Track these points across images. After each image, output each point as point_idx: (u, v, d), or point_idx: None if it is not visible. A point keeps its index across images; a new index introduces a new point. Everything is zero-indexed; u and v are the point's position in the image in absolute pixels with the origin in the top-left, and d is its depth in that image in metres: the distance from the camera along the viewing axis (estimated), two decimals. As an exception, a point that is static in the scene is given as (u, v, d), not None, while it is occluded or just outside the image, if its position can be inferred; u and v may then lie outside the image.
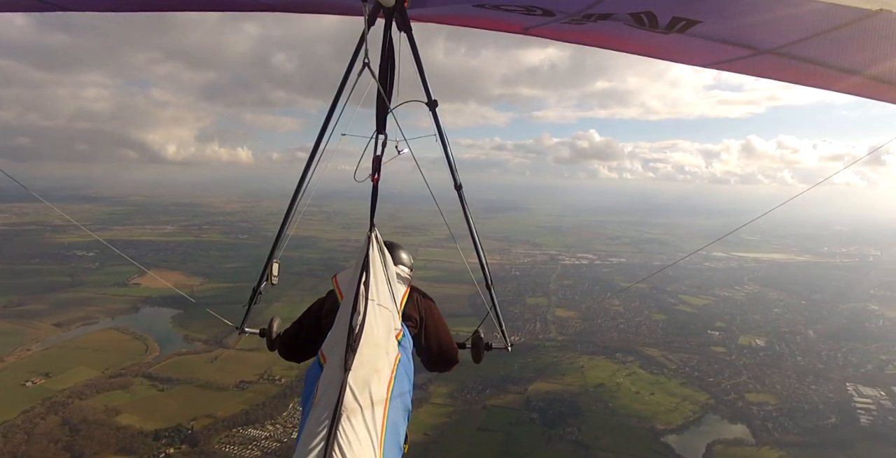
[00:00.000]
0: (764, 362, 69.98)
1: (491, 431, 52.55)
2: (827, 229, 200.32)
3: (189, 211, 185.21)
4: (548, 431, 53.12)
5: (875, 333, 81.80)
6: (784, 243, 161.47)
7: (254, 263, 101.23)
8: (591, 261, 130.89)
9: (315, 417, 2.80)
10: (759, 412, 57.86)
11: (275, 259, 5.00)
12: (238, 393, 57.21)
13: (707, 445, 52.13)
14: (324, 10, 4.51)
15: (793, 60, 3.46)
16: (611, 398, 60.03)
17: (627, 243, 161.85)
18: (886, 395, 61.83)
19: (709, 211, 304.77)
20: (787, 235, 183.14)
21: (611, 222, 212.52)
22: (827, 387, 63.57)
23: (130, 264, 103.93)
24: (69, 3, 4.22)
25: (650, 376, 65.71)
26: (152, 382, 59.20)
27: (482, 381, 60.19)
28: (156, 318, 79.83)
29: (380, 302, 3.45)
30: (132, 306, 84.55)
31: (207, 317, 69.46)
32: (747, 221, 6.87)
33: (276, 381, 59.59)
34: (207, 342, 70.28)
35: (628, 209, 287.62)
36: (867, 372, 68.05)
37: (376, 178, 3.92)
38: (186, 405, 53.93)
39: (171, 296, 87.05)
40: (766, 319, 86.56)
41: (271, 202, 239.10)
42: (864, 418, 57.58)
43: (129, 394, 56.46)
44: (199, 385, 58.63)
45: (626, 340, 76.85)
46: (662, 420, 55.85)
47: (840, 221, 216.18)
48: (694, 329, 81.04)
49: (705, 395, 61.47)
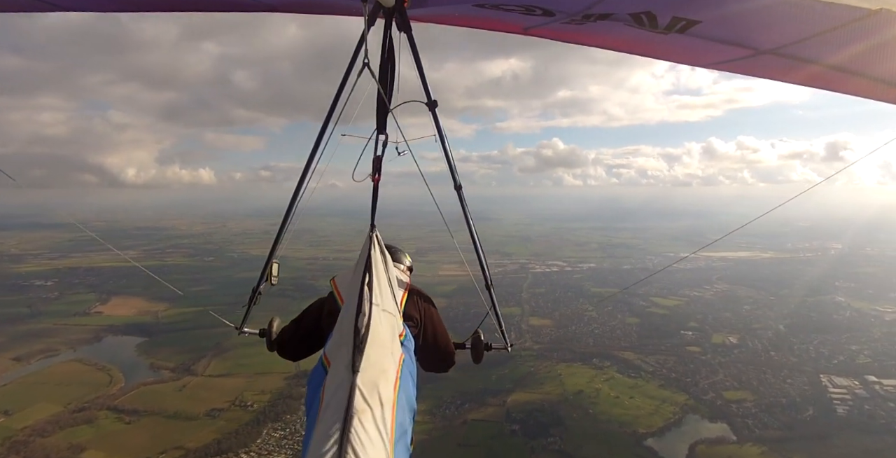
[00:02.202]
0: (739, 360, 70.51)
1: (472, 446, 51.64)
2: (790, 225, 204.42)
3: (151, 235, 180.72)
4: (530, 442, 52.44)
5: (843, 324, 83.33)
6: (749, 242, 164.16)
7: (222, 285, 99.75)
8: (562, 268, 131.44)
9: (325, 420, 2.78)
10: (739, 410, 58.11)
11: (274, 260, 5.12)
12: (209, 422, 55.02)
13: (689, 445, 52.08)
14: (324, 10, 4.57)
15: (793, 61, 3.49)
16: (591, 404, 59.66)
17: (596, 249, 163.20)
18: (860, 384, 62.74)
19: (674, 214, 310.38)
20: (752, 233, 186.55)
21: (578, 229, 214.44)
22: (802, 380, 64.25)
23: (90, 292, 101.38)
24: (69, 3, 4.25)
25: (628, 380, 65.62)
26: (118, 415, 56.55)
27: (460, 395, 59.33)
28: (120, 347, 76.78)
29: (383, 303, 3.47)
30: (94, 335, 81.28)
31: (173, 343, 67.82)
32: (714, 221, 6.47)
33: (248, 407, 57.74)
34: (174, 370, 67.89)
35: (594, 215, 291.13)
36: (839, 363, 69.08)
37: (377, 178, 3.97)
38: (155, 438, 51.63)
39: (134, 324, 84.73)
40: (738, 316, 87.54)
41: (236, 223, 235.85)
42: (841, 408, 58.27)
43: (94, 429, 53.92)
44: (168, 416, 56.23)
45: (601, 345, 76.78)
46: (644, 424, 55.63)
47: (802, 218, 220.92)
48: (667, 331, 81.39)
49: (684, 396, 61.57)
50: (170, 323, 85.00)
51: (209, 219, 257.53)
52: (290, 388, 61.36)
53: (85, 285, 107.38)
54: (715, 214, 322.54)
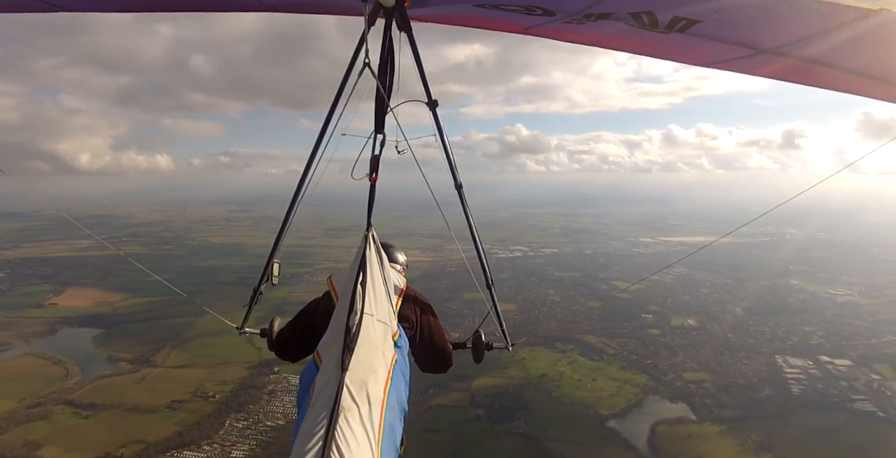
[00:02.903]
0: (697, 341, 72.19)
1: (438, 431, 51.74)
2: (746, 211, 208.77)
3: (107, 223, 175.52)
4: (495, 426, 52.87)
5: (797, 306, 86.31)
6: (707, 227, 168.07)
7: (182, 274, 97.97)
8: (525, 253, 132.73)
9: (312, 417, 2.80)
10: (698, 390, 59.50)
11: (275, 259, 5.07)
12: (170, 414, 53.91)
13: (651, 426, 53.12)
14: (324, 10, 4.55)
15: (793, 60, 3.48)
16: (554, 387, 60.41)
17: (558, 234, 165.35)
18: (814, 364, 64.85)
19: (634, 199, 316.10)
20: (709, 218, 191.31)
21: (541, 214, 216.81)
22: (758, 361, 66.10)
23: (44, 283, 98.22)
24: (69, 3, 4.23)
25: (591, 363, 66.59)
26: (75, 409, 54.92)
27: (425, 381, 59.22)
28: (76, 339, 74.40)
29: (377, 302, 3.49)
30: (49, 328, 78.51)
31: (132, 334, 66.20)
32: (673, 207, 6.47)
33: (209, 398, 56.79)
34: (133, 362, 66.16)
35: (557, 201, 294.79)
36: (794, 344, 71.27)
37: (374, 177, 3.98)
38: (114, 432, 50.24)
39: (91, 315, 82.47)
40: (696, 299, 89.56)
41: (195, 210, 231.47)
42: (795, 387, 60.11)
43: (51, 425, 52.27)
44: (127, 409, 54.87)
45: (564, 329, 77.71)
46: (606, 405, 56.59)
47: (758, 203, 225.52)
48: (628, 314, 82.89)
49: (645, 377, 62.78)
50: (127, 314, 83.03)
51: (167, 206, 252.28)
52: (252, 378, 60.70)
53: (38, 276, 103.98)
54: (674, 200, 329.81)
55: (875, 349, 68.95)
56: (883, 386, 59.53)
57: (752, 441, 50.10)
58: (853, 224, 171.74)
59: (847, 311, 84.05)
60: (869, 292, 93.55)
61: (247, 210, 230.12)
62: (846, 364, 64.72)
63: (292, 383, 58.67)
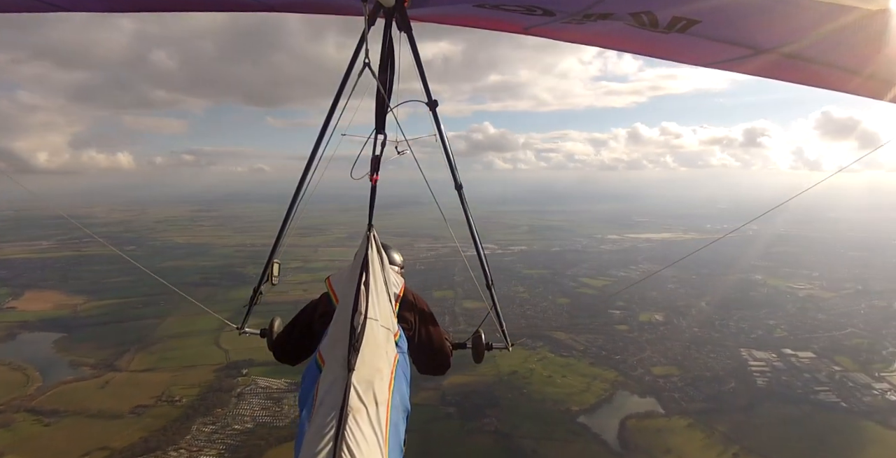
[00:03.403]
0: (665, 336, 73.20)
1: (409, 431, 50.20)
2: (709, 207, 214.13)
3: (66, 224, 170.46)
4: (466, 424, 52.84)
5: (761, 300, 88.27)
6: (672, 223, 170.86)
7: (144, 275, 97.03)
8: (493, 251, 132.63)
9: (320, 418, 2.78)
10: (666, 384, 60.28)
11: (275, 259, 5.12)
12: (135, 420, 52.49)
13: (620, 420, 53.55)
14: (324, 10, 4.54)
15: (792, 60, 3.51)
16: (525, 384, 60.64)
17: (526, 232, 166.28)
18: (777, 357, 66.22)
19: (601, 197, 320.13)
20: (674, 215, 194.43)
21: (509, 212, 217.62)
22: (724, 354, 67.22)
23: (2, 286, 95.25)
24: (69, 4, 4.24)
25: (560, 359, 67.08)
26: (36, 416, 53.24)
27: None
28: (36, 344, 72.14)
29: (379, 303, 3.49)
30: (7, 333, 76.05)
31: (94, 338, 64.54)
32: (639, 204, 6.54)
33: (175, 402, 55.53)
34: (96, 367, 64.35)
35: (524, 199, 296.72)
36: (758, 337, 72.71)
37: (375, 177, 4.01)
38: (77, 439, 48.79)
39: (51, 318, 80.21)
40: (662, 295, 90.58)
41: (158, 209, 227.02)
42: (760, 380, 61.30)
43: (11, 433, 50.56)
44: (90, 415, 53.32)
45: (533, 325, 78.06)
46: (576, 401, 57.03)
47: (721, 200, 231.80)
48: (597, 310, 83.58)
49: (614, 373, 63.38)
50: (89, 317, 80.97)
51: (129, 205, 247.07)
52: (219, 381, 59.71)
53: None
54: (640, 197, 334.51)
55: (836, 342, 70.75)
56: (845, 377, 60.97)
57: (719, 433, 50.91)
58: (815, 220, 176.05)
59: (809, 304, 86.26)
60: (830, 286, 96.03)
61: (212, 209, 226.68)
62: (809, 356, 66.22)
63: (260, 385, 57.93)
